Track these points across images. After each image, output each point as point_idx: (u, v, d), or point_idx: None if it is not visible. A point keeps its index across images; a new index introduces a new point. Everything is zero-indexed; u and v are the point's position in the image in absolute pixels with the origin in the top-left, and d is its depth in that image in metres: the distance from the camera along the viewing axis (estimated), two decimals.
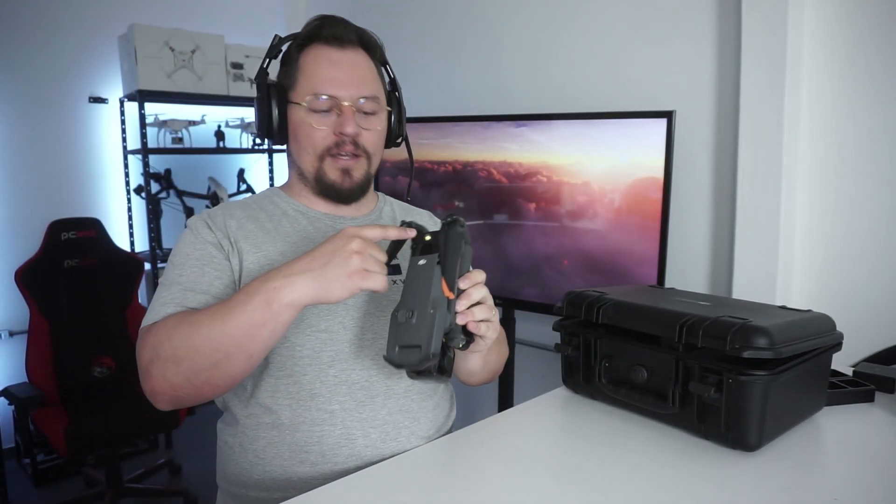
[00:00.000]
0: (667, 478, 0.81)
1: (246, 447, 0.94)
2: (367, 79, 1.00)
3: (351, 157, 0.99)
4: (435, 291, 0.77)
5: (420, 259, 0.80)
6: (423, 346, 0.74)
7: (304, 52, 1.00)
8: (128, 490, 2.37)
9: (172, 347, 0.81)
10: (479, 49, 2.52)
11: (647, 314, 0.97)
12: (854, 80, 1.64)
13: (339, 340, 0.95)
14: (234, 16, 3.34)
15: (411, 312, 0.76)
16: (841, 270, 1.71)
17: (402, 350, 0.76)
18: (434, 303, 0.76)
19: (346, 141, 0.98)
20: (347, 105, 0.97)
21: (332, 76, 0.97)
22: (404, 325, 0.76)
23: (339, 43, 0.98)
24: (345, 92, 0.97)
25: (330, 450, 0.92)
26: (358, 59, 1.00)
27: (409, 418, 0.97)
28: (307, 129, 0.98)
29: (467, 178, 2.14)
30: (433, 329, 0.75)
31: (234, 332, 0.79)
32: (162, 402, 0.85)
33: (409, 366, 0.76)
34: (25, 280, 2.31)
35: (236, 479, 0.96)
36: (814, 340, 0.91)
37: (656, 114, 1.76)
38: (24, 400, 2.19)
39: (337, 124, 0.97)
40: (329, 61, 0.98)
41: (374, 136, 1.01)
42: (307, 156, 1.00)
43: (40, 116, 2.80)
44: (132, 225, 3.04)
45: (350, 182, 1.01)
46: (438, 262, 0.78)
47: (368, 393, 0.95)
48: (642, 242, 1.80)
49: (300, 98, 0.98)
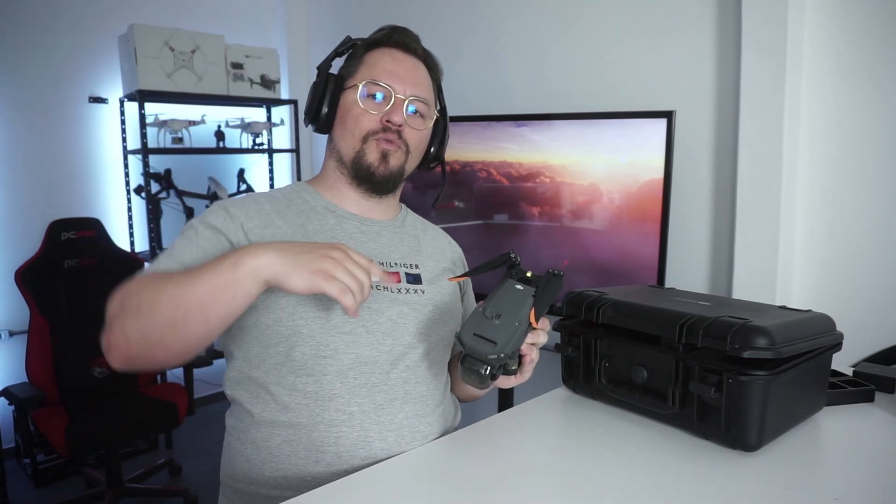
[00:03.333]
0: (667, 478, 0.81)
1: (259, 444, 0.94)
2: (424, 84, 1.06)
3: (391, 142, 1.02)
4: (523, 313, 0.85)
5: (517, 284, 0.88)
6: (498, 345, 0.82)
7: (372, 51, 1.05)
8: (128, 490, 2.37)
9: (138, 300, 0.83)
10: (479, 49, 2.52)
11: (647, 314, 0.97)
12: (854, 80, 1.64)
13: (361, 343, 0.95)
14: (234, 16, 3.34)
15: (498, 315, 0.84)
16: (841, 270, 1.71)
17: (477, 338, 0.83)
18: (520, 321, 0.84)
19: (392, 128, 1.01)
20: (400, 98, 1.01)
21: (394, 70, 1.02)
22: (488, 321, 0.84)
23: (405, 48, 1.05)
24: (400, 86, 1.01)
25: (346, 451, 0.92)
26: (419, 66, 1.06)
27: (425, 423, 0.98)
28: (357, 112, 1.01)
29: (467, 179, 2.14)
30: (513, 338, 0.83)
31: (198, 292, 0.79)
32: (116, 359, 0.85)
33: (477, 354, 0.82)
34: (25, 280, 2.31)
35: (245, 476, 0.95)
36: (814, 340, 0.91)
37: (656, 114, 1.76)
38: (24, 400, 2.19)
39: (386, 112, 1.01)
40: (393, 59, 1.03)
41: (416, 136, 1.05)
42: (350, 138, 1.02)
43: (40, 116, 2.80)
44: (132, 225, 3.04)
45: (385, 168, 1.02)
46: (533, 296, 0.86)
47: (387, 396, 0.95)
48: (642, 242, 1.80)
49: (357, 81, 1.02)
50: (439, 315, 1.03)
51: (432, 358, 1.01)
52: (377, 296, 0.97)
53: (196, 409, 2.48)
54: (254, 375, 0.95)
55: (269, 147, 3.37)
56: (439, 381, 1.04)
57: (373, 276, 0.83)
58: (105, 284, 2.50)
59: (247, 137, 3.25)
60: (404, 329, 0.98)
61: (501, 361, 0.83)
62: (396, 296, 0.99)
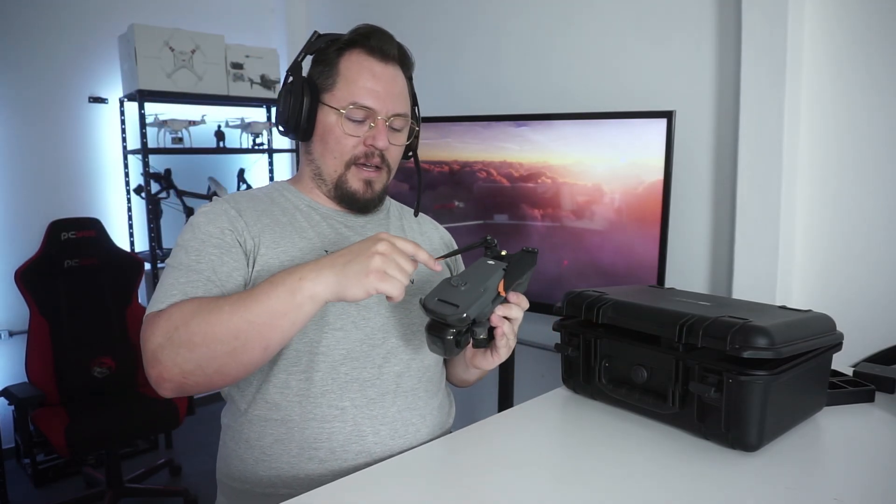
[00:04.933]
0: (667, 478, 0.81)
1: (252, 443, 0.94)
2: (403, 96, 1.03)
3: (375, 169, 1.01)
4: (492, 282, 0.85)
5: (489, 260, 0.89)
6: (460, 307, 0.81)
7: (346, 56, 1.00)
8: (128, 490, 2.37)
9: (189, 332, 0.80)
10: (479, 49, 2.52)
11: (647, 314, 0.97)
12: (854, 80, 1.64)
13: (351, 339, 0.95)
14: (234, 16, 3.34)
15: (465, 283, 0.84)
16: (841, 270, 1.70)
17: (440, 303, 0.82)
18: (487, 288, 0.84)
19: (375, 153, 1.00)
20: (382, 119, 0.99)
21: (375, 88, 0.98)
22: (453, 288, 0.83)
23: (382, 55, 1.00)
24: (382, 106, 0.99)
25: (340, 446, 0.92)
26: (397, 76, 1.02)
27: (417, 415, 0.99)
28: (339, 135, 0.99)
29: (467, 178, 2.14)
30: (476, 302, 0.82)
31: (256, 320, 0.79)
32: (167, 389, 0.83)
33: (439, 316, 0.82)
34: (25, 280, 2.31)
35: (239, 475, 0.95)
36: (814, 340, 0.91)
37: (656, 114, 1.76)
38: (24, 400, 2.19)
39: (369, 136, 0.99)
40: (371, 73, 0.99)
41: (397, 152, 1.04)
42: (333, 160, 1.01)
43: (40, 116, 2.80)
44: (132, 225, 3.04)
45: (371, 193, 1.02)
46: (504, 270, 0.87)
47: (379, 390, 0.95)
48: (642, 242, 1.80)
49: (338, 103, 0.98)
50: None
51: (425, 349, 1.01)
52: None
53: (196, 408, 2.48)
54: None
55: (269, 147, 3.37)
56: (433, 373, 1.04)
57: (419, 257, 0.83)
58: (105, 284, 2.50)
59: (247, 137, 3.25)
60: (396, 322, 0.99)
61: (464, 324, 0.82)
62: None
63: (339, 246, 0.99)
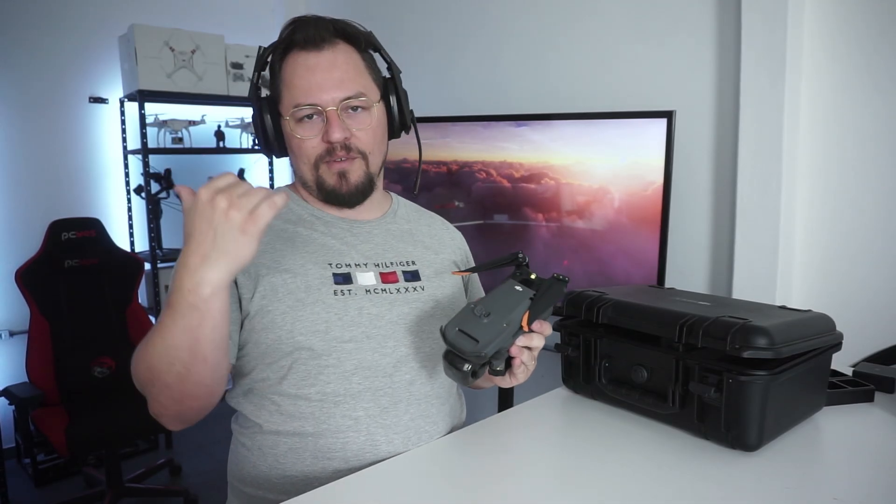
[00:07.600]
0: (667, 477, 0.81)
1: (266, 451, 0.94)
2: (349, 76, 0.96)
3: (344, 160, 0.98)
4: (516, 315, 0.84)
5: (517, 285, 0.88)
6: (480, 343, 0.80)
7: (285, 61, 0.97)
8: (128, 490, 2.37)
9: (140, 374, 0.83)
10: (479, 49, 2.52)
11: (647, 314, 0.97)
12: (854, 80, 1.64)
13: (364, 349, 0.94)
14: (234, 16, 3.34)
15: (488, 314, 0.83)
16: (841, 270, 1.71)
17: (460, 334, 0.81)
18: (510, 322, 0.83)
19: (336, 147, 0.96)
20: (331, 110, 0.94)
21: (310, 83, 0.94)
22: (475, 318, 0.83)
23: (313, 45, 0.95)
24: (326, 96, 0.94)
25: (353, 456, 0.92)
26: (336, 58, 0.96)
27: (430, 423, 0.98)
28: (297, 142, 0.97)
29: (466, 179, 2.14)
30: (497, 338, 0.82)
31: (178, 343, 0.76)
32: (171, 424, 0.88)
33: (457, 349, 0.81)
34: (25, 280, 2.31)
35: (252, 481, 0.95)
36: (814, 340, 0.91)
37: (656, 114, 1.76)
38: (25, 400, 2.19)
39: (324, 132, 0.96)
40: (305, 68, 0.95)
41: (366, 135, 0.99)
42: (303, 166, 1.00)
43: (40, 116, 2.80)
44: (132, 225, 3.04)
45: (348, 185, 0.99)
46: (531, 298, 0.86)
47: (392, 399, 0.95)
48: (642, 242, 1.80)
49: (286, 111, 0.97)
50: (441, 310, 1.02)
51: (437, 356, 1.01)
52: (376, 299, 0.97)
53: None
54: (257, 389, 0.95)
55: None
56: (445, 379, 1.03)
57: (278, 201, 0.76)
58: (105, 284, 2.50)
59: (247, 137, 3.25)
60: (406, 330, 0.98)
61: (482, 360, 0.82)
62: (396, 296, 0.99)
63: (345, 255, 0.99)
